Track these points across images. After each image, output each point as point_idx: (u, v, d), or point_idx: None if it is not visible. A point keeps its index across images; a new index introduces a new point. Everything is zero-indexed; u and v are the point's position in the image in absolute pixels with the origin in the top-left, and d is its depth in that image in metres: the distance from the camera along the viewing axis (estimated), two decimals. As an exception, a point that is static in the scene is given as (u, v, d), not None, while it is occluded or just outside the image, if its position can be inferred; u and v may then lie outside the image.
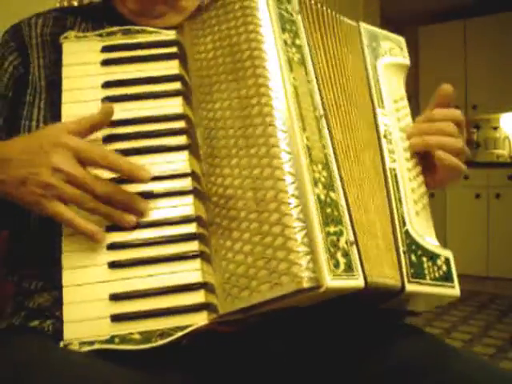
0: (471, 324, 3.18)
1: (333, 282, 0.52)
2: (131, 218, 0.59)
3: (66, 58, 0.68)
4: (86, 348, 0.56)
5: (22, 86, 0.71)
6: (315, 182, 0.56)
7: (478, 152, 4.47)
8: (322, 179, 0.57)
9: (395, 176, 0.67)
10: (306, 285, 0.51)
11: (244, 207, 0.57)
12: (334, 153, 0.60)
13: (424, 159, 0.71)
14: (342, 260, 0.54)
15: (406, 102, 0.75)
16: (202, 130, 0.64)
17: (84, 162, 0.58)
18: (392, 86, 0.73)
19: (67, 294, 0.59)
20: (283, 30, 0.62)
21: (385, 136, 0.69)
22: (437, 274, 0.65)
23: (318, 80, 0.63)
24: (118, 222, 0.59)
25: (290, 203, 0.54)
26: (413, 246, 0.65)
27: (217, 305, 0.57)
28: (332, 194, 0.57)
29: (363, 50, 0.73)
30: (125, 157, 0.60)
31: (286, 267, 0.52)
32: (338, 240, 0.55)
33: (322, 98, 0.62)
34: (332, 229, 0.55)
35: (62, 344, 0.56)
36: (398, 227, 0.64)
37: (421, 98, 4.17)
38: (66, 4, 1.28)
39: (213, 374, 0.63)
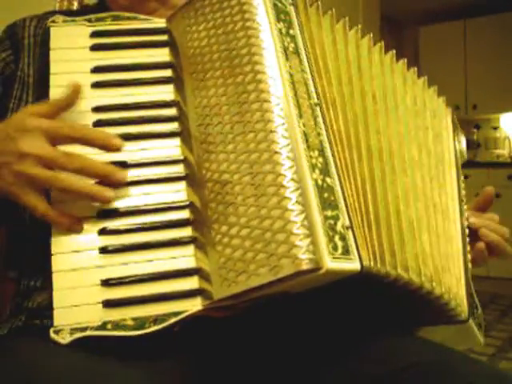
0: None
1: (332, 264, 0.52)
2: (109, 193, 0.57)
3: (53, 42, 0.67)
4: (78, 335, 0.55)
5: (12, 82, 0.71)
6: (312, 168, 0.56)
7: (478, 152, 4.47)
8: (319, 165, 0.57)
9: (465, 234, 0.79)
10: (305, 267, 0.51)
11: (241, 192, 0.57)
12: (329, 140, 0.61)
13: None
14: (339, 243, 0.54)
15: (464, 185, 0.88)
16: (195, 116, 0.64)
17: (55, 139, 0.57)
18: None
19: (57, 280, 0.57)
20: (278, 19, 0.63)
21: (462, 200, 0.83)
22: (478, 321, 0.76)
23: (311, 70, 0.64)
24: (96, 199, 0.58)
25: (289, 187, 0.54)
26: (471, 291, 0.75)
27: (211, 290, 0.57)
28: (328, 180, 0.57)
29: (453, 131, 0.87)
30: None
31: (285, 249, 0.52)
32: (335, 224, 0.55)
33: (315, 87, 0.63)
34: (329, 213, 0.55)
35: (51, 330, 0.55)
36: (468, 270, 0.76)
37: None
38: (66, 4, 1.26)
39: (209, 360, 0.62)
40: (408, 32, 4.46)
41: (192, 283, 0.58)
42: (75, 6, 1.28)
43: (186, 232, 0.60)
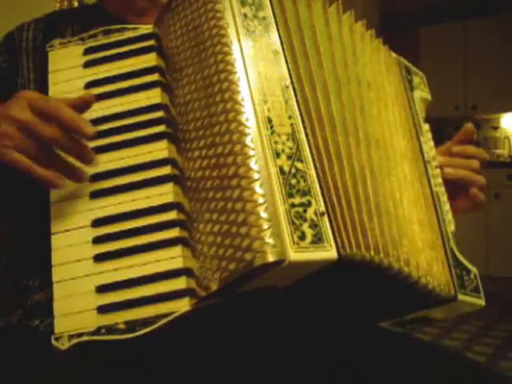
0: (471, 324, 3.16)
1: (297, 254, 0.49)
2: (61, 182, 0.58)
3: (51, 66, 0.71)
4: (75, 340, 0.57)
5: (11, 87, 0.74)
6: (277, 154, 0.53)
7: (478, 152, 4.54)
8: (287, 150, 0.54)
9: (438, 200, 0.74)
10: (268, 260, 0.49)
11: (211, 187, 0.56)
12: (304, 122, 0.57)
13: (447, 187, 0.77)
14: (309, 232, 0.51)
15: (430, 135, 0.80)
16: (178, 116, 0.63)
17: (34, 110, 0.57)
18: (422, 119, 0.80)
19: (57, 290, 0.60)
20: (243, 4, 0.60)
21: (428, 162, 0.75)
22: (472, 286, 0.72)
23: (284, 50, 0.60)
24: (68, 174, 0.59)
25: (249, 177, 0.52)
26: (456, 260, 0.71)
27: (197, 290, 0.56)
28: (299, 165, 0.54)
29: (404, 81, 0.78)
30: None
31: (248, 243, 0.50)
32: (305, 211, 0.52)
33: (288, 68, 0.59)
34: (297, 200, 0.52)
35: (53, 338, 0.58)
36: (446, 243, 0.71)
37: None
38: (66, 4, 1.32)
39: (200, 360, 0.62)
40: (408, 32, 4.41)
41: (180, 283, 0.58)
42: (75, 5, 1.32)
43: (174, 233, 0.60)
